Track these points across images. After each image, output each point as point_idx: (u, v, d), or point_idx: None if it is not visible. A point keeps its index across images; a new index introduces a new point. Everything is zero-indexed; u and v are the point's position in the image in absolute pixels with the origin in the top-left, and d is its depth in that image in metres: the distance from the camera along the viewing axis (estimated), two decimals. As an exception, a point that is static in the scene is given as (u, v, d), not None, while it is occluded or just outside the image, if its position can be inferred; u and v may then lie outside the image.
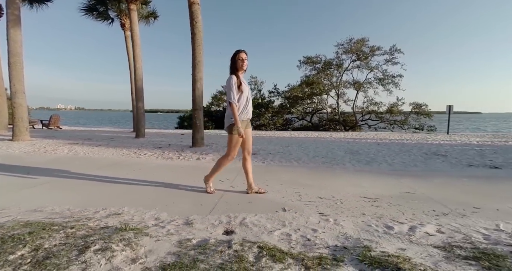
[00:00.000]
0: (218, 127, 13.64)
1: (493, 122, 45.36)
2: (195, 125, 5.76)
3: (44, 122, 11.44)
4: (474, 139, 8.51)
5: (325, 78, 12.65)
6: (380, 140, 7.88)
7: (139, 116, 7.46)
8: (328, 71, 12.63)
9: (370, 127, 13.57)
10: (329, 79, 12.83)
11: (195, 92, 5.64)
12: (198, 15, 5.35)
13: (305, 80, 11.98)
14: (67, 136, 7.77)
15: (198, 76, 5.58)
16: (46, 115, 56.56)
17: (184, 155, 4.86)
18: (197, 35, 5.40)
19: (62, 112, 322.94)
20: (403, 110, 13.32)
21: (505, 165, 3.99)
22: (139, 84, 7.37)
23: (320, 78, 12.24)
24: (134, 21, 7.12)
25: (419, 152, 5.18)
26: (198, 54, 5.48)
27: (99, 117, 66.71)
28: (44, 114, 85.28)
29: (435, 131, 11.92)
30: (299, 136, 9.64)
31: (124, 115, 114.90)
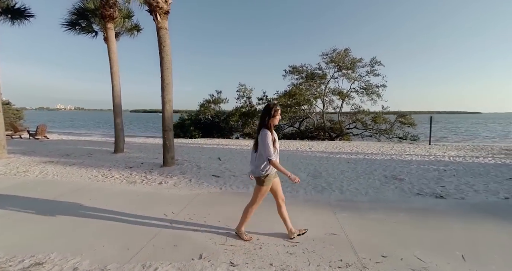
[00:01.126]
0: (205, 135, 13.77)
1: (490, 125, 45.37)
2: (165, 146, 5.90)
3: (31, 132, 11.57)
4: (450, 152, 8.65)
5: (311, 87, 12.80)
6: (356, 155, 8.00)
7: (118, 133, 7.60)
8: (311, 82, 12.78)
9: (356, 135, 13.69)
10: (315, 89, 12.99)
11: (164, 114, 5.78)
12: (166, 40, 5.48)
13: (289, 91, 12.10)
14: (48, 150, 7.91)
15: (167, 98, 5.72)
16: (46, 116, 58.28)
17: (149, 178, 5.00)
18: (165, 58, 5.53)
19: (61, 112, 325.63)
20: (388, 118, 13.45)
21: (451, 193, 4.11)
22: (117, 101, 7.51)
23: (304, 89, 12.36)
24: (111, 39, 7.26)
25: (381, 174, 5.30)
26: (166, 77, 5.61)
27: (97, 118, 66.89)
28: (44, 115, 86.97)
29: (418, 140, 12.03)
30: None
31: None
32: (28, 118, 59.66)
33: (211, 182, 4.79)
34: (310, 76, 12.71)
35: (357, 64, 12.63)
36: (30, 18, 8.68)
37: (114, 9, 7.10)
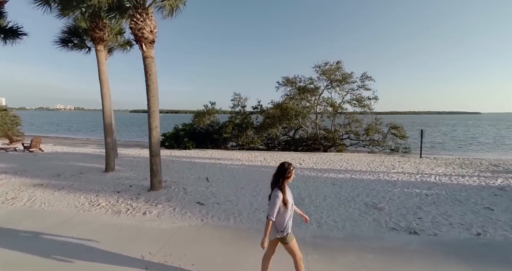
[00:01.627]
0: (199, 146, 13.87)
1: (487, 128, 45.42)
2: (152, 170, 6.00)
3: (25, 145, 11.67)
4: (438, 169, 8.76)
5: (302, 101, 12.94)
6: (344, 173, 8.09)
7: (108, 152, 7.70)
8: (303, 96, 12.90)
9: (349, 146, 13.80)
10: (307, 100, 13.12)
11: (151, 140, 5.88)
12: (151, 68, 5.59)
13: (280, 104, 12.19)
14: (40, 169, 8.00)
15: (154, 125, 5.83)
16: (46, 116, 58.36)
17: (134, 206, 5.10)
18: (151, 86, 5.64)
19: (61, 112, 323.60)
20: (381, 129, 13.55)
21: (426, 227, 4.20)
22: (107, 121, 7.61)
23: (295, 103, 12.46)
24: (101, 61, 7.36)
25: (362, 202, 5.40)
26: (153, 105, 5.71)
27: (95, 120, 66.59)
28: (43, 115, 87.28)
29: (409, 153, 12.13)
30: (264, 163, 9.85)
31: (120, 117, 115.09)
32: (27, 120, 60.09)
33: (194, 211, 4.89)
34: (302, 89, 12.84)
35: (347, 79, 12.78)
36: (23, 37, 8.80)
37: (104, 32, 7.19)
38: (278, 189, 2.34)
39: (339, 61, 12.83)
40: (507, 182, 7.05)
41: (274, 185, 2.39)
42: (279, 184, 2.35)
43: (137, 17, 5.18)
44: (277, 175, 2.39)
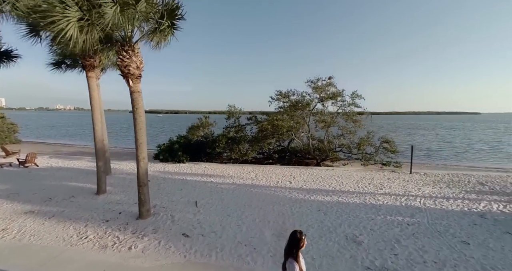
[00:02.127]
0: (194, 158, 14.01)
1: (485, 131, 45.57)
2: (140, 200, 6.14)
3: (20, 160, 11.80)
4: (425, 189, 8.91)
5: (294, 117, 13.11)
6: (331, 195, 8.23)
7: (99, 175, 7.84)
8: (295, 113, 13.06)
9: (342, 160, 13.95)
10: (299, 114, 13.29)
11: (139, 171, 6.02)
12: (138, 102, 5.73)
13: (271, 120, 12.33)
14: (32, 192, 8.13)
15: (141, 156, 5.97)
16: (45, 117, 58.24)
17: (121, 239, 5.24)
18: (138, 120, 5.78)
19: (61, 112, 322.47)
20: (374, 142, 13.69)
21: (400, 265, 4.34)
22: (99, 145, 7.75)
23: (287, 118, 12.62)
24: (92, 87, 7.49)
25: (343, 233, 5.54)
26: (140, 137, 5.86)
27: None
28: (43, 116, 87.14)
29: (400, 167, 12.29)
30: (254, 181, 9.99)
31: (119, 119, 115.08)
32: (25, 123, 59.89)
33: (178, 245, 5.03)
34: (294, 106, 12.99)
35: (338, 97, 13.00)
36: (17, 59, 8.93)
37: (94, 59, 7.33)
38: (293, 260, 2.38)
39: (330, 77, 13.05)
40: (489, 206, 7.20)
41: (288, 255, 2.42)
42: (294, 255, 2.40)
43: (123, 55, 5.32)
44: (290, 245, 2.43)
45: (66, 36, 4.17)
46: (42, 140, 30.33)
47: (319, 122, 13.55)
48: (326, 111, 13.60)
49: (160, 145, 15.08)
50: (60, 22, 4.05)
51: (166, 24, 4.89)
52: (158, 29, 4.94)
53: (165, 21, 4.84)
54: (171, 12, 4.93)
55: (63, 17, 4.05)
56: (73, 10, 4.17)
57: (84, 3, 4.27)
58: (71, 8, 4.15)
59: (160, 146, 14.75)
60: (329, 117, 13.33)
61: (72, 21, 4.16)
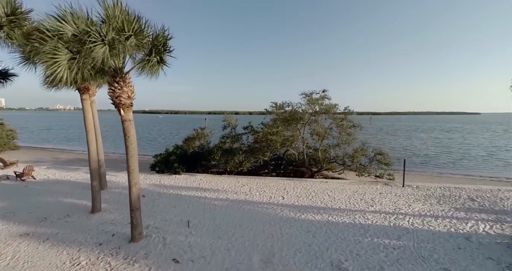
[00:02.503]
0: (189, 170, 14.17)
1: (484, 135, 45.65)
2: (133, 224, 6.28)
3: (17, 173, 11.94)
4: (415, 205, 9.03)
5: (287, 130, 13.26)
6: (322, 214, 8.37)
7: (94, 194, 7.99)
8: (288, 127, 13.20)
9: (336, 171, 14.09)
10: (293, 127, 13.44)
11: (131, 196, 6.17)
12: (130, 130, 5.87)
13: (265, 134, 12.45)
14: (28, 210, 8.28)
15: (133, 182, 6.12)
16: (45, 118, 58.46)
17: (113, 265, 5.39)
18: (129, 147, 5.92)
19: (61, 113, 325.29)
20: (368, 153, 13.82)
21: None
22: (93, 165, 7.90)
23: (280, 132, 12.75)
24: (86, 109, 7.64)
25: (329, 259, 5.67)
26: (132, 164, 6.01)
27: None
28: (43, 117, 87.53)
29: (393, 180, 12.42)
30: (248, 196, 10.12)
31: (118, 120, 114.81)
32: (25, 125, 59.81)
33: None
34: (287, 121, 13.12)
35: (332, 110, 13.16)
36: (13, 77, 9.06)
37: (89, 82, 7.46)
38: None
39: (325, 90, 13.22)
40: (475, 227, 7.34)
41: None
42: None
43: (114, 86, 5.46)
44: None
45: (56, 78, 4.32)
46: (41, 144, 30.51)
47: (314, 135, 13.70)
48: (320, 124, 13.73)
49: (157, 154, 15.23)
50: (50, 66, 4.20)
51: (155, 59, 5.03)
52: (148, 65, 5.08)
53: (154, 57, 4.98)
54: (161, 46, 5.08)
55: (53, 62, 4.20)
56: (63, 53, 4.33)
57: (75, 46, 4.42)
58: (60, 52, 4.30)
59: (157, 156, 14.90)
60: (323, 131, 13.47)
61: (62, 64, 4.31)
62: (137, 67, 5.65)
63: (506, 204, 9.18)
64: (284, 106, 13.95)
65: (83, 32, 4.51)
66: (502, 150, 28.47)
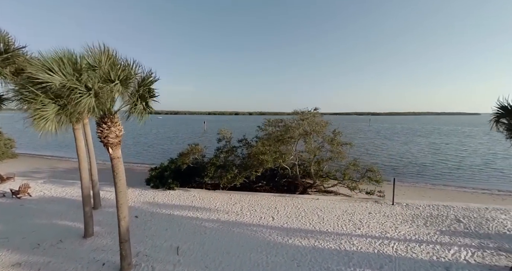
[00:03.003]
0: (184, 184, 14.36)
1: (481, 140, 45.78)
2: (122, 255, 6.46)
3: (14, 191, 12.13)
4: (401, 228, 9.21)
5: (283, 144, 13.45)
6: (309, 238, 8.55)
7: (87, 219, 8.18)
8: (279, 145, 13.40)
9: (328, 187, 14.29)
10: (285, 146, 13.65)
11: (120, 229, 6.35)
12: (118, 167, 6.06)
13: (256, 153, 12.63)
14: (22, 235, 8.47)
15: (122, 216, 6.30)
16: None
17: (100, 301, 5.59)
18: (118, 183, 6.11)
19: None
20: (360, 168, 13.98)
21: None
22: (85, 192, 8.10)
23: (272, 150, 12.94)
24: (78, 138, 7.82)
25: (310, 293, 5.87)
26: (120, 199, 6.19)
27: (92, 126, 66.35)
28: None
29: (383, 198, 12.60)
30: (238, 216, 10.30)
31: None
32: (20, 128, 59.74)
33: (153, 309, 5.37)
34: (280, 139, 13.29)
35: (323, 129, 13.37)
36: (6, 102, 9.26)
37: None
38: None
39: (316, 108, 13.45)
40: (457, 254, 7.53)
41: None
42: None
43: (102, 127, 5.65)
44: None
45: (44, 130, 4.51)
46: (39, 151, 30.64)
47: (306, 152, 13.90)
48: (311, 141, 13.91)
49: (152, 169, 15.42)
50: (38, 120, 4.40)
51: (141, 106, 5.23)
52: (135, 111, 5.27)
53: (140, 104, 5.18)
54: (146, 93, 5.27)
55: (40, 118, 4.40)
56: (50, 108, 4.52)
57: (61, 101, 4.61)
58: (48, 107, 4.50)
59: (152, 171, 15.09)
60: (315, 148, 13.66)
61: (50, 119, 4.50)
62: (124, 111, 5.81)
63: (491, 226, 9.37)
64: (277, 124, 14.17)
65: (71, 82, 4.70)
66: (499, 157, 28.59)
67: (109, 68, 4.97)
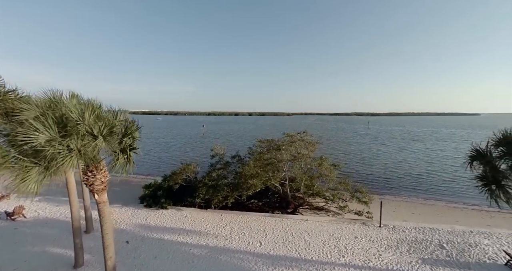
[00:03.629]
0: (177, 203, 14.61)
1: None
2: (108, 293, 6.72)
3: (8, 212, 12.37)
4: (385, 256, 9.44)
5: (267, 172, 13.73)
6: (294, 267, 8.79)
7: (77, 250, 8.43)
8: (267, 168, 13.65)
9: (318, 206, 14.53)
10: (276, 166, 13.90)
11: (106, 268, 6.60)
12: (104, 211, 6.31)
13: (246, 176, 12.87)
14: (14, 264, 8.72)
15: (108, 256, 6.56)
16: None
17: None
18: (104, 226, 6.37)
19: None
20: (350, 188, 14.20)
21: None
22: (76, 224, 8.34)
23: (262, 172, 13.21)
24: (70, 182, 8.08)
25: None
26: (106, 240, 6.46)
27: None
28: None
29: (371, 220, 12.84)
30: (226, 241, 10.54)
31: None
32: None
33: None
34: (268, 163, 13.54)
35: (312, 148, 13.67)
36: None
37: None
38: None
39: (305, 131, 13.74)
40: (435, 287, 7.77)
41: None
42: None
43: (88, 175, 5.89)
44: None
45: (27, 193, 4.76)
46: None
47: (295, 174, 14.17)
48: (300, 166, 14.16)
49: (147, 185, 15.69)
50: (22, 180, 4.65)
51: (122, 160, 5.47)
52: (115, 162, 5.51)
53: (122, 158, 5.42)
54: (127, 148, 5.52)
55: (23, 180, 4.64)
56: (33, 171, 4.76)
57: (43, 164, 4.85)
58: (31, 170, 4.74)
59: (146, 188, 15.34)
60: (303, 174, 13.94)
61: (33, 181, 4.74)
62: (108, 162, 6.04)
63: (472, 254, 9.61)
64: (269, 143, 14.46)
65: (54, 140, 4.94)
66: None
67: (92, 124, 5.21)
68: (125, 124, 5.97)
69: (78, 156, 4.98)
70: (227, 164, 16.42)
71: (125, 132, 5.88)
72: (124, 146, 5.50)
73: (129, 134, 5.84)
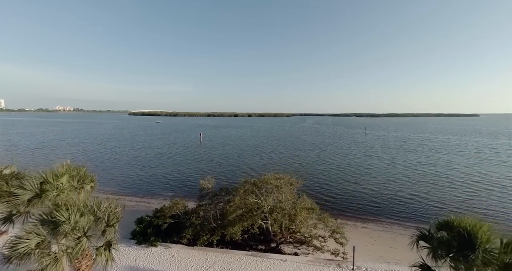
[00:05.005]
0: (165, 239, 15.48)
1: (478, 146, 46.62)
2: None
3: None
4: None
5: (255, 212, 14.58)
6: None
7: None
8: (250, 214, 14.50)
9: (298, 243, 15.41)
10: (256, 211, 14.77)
11: None
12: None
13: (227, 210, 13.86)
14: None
15: None
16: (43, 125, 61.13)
17: None
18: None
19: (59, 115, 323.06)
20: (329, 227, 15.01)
21: None
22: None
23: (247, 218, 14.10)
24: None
25: None
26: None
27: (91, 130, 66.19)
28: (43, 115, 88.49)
29: (346, 260, 13.69)
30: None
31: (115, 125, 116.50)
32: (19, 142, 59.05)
33: None
34: (250, 210, 14.40)
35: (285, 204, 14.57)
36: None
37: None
38: None
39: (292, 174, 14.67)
40: None
41: None
42: None
43: (74, 261, 6.75)
44: None
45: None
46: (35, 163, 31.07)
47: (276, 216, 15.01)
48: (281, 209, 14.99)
49: (138, 218, 16.56)
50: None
51: (104, 257, 6.32)
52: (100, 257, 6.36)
53: (105, 251, 6.28)
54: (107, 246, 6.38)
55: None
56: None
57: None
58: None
59: (137, 224, 16.18)
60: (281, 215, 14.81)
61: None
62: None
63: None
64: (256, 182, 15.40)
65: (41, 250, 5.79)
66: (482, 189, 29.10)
67: (75, 224, 6.06)
68: (108, 212, 6.80)
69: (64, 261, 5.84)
70: (214, 196, 17.35)
71: (108, 222, 6.73)
72: (105, 241, 6.36)
73: (112, 225, 6.67)
